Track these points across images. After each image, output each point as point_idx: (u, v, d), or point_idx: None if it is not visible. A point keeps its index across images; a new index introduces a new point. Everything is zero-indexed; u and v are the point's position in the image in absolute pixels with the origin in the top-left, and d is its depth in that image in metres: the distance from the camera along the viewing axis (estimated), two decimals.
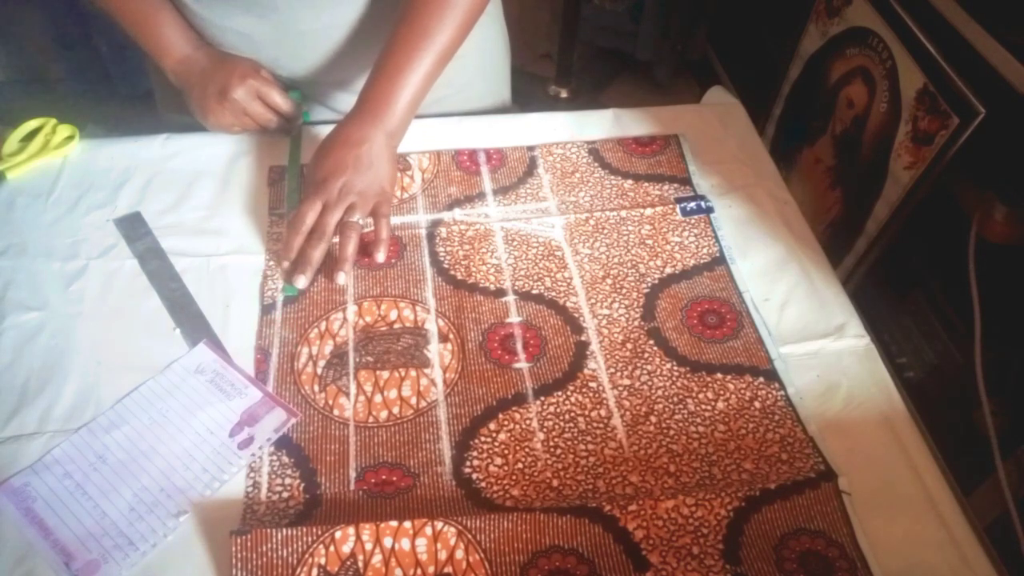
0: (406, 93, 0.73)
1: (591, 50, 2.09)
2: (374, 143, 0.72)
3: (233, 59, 0.81)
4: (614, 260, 0.75)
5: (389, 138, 0.74)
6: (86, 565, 0.54)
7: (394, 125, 0.74)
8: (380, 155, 0.73)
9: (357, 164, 0.71)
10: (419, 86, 0.73)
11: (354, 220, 0.71)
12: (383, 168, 0.73)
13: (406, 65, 0.72)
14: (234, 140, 0.84)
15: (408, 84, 0.73)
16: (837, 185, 1.16)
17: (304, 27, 0.80)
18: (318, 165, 0.73)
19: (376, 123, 0.73)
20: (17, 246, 0.74)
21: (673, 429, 0.63)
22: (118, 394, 0.64)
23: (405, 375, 0.66)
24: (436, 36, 0.73)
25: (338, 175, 0.71)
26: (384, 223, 0.72)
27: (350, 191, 0.71)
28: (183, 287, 0.72)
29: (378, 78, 0.74)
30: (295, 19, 0.79)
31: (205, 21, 0.80)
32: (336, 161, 0.72)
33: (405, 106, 0.73)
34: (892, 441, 0.62)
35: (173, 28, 0.80)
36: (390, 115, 0.73)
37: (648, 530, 0.56)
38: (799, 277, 0.74)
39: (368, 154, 0.72)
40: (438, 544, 0.54)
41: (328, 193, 0.71)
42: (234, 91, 0.78)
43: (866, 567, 0.54)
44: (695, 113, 0.92)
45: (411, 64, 0.72)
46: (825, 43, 1.18)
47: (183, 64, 0.81)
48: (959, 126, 0.86)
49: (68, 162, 0.82)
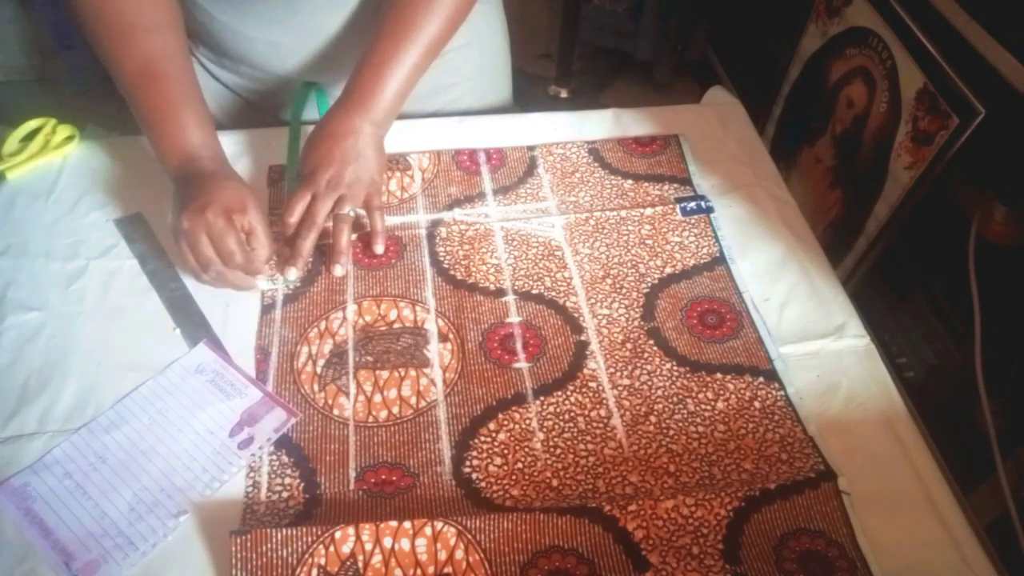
0: (392, 84, 0.73)
1: (591, 50, 2.09)
2: (361, 134, 0.72)
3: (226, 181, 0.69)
4: (614, 260, 0.75)
5: (376, 128, 0.74)
6: (86, 565, 0.54)
7: (380, 116, 0.73)
8: (367, 146, 0.73)
9: (344, 156, 0.71)
10: (405, 78, 0.73)
11: (345, 212, 0.71)
12: (371, 159, 0.73)
13: (392, 56, 0.72)
14: (233, 140, 0.84)
15: (394, 75, 0.73)
16: (837, 185, 1.16)
17: (329, 29, 0.80)
18: (307, 158, 0.73)
19: (362, 114, 0.73)
20: (17, 246, 0.74)
21: (673, 429, 0.63)
22: (118, 394, 0.64)
23: (405, 375, 0.66)
24: (423, 28, 0.73)
25: (326, 167, 0.71)
26: (378, 215, 0.73)
27: (339, 183, 0.71)
28: (183, 287, 0.72)
29: (364, 69, 0.73)
30: (320, 21, 0.80)
31: (236, 34, 0.81)
32: (324, 153, 0.72)
33: (391, 97, 0.73)
34: (892, 441, 0.62)
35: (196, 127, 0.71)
36: (376, 106, 0.73)
37: (648, 530, 0.56)
38: (799, 277, 0.74)
39: (355, 146, 0.72)
40: (438, 544, 0.54)
41: (316, 185, 0.71)
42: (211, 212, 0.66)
43: (866, 567, 0.54)
44: (695, 113, 0.92)
45: (397, 56, 0.72)
46: (825, 43, 1.18)
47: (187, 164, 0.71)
48: (959, 126, 0.86)
49: (68, 162, 0.82)
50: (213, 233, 0.66)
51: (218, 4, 0.79)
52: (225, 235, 0.66)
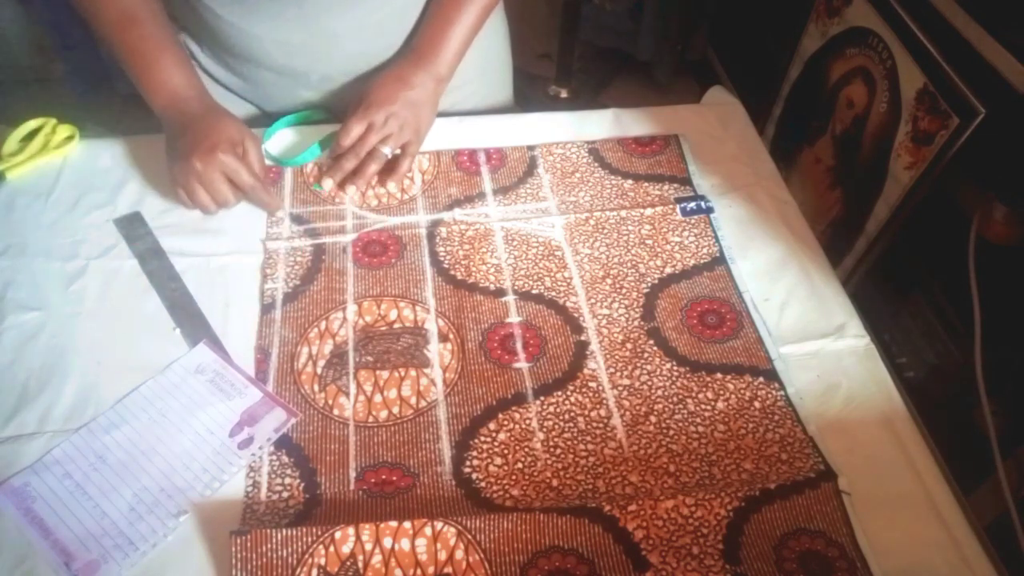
0: (454, 43, 0.81)
1: (591, 50, 2.08)
2: (425, 87, 0.80)
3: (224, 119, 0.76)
4: (614, 260, 0.75)
5: (437, 84, 0.81)
6: (86, 565, 0.54)
7: (443, 72, 0.82)
8: (428, 99, 0.80)
9: (406, 100, 0.79)
10: (465, 37, 0.81)
11: (384, 150, 0.78)
12: (426, 111, 0.81)
13: (455, 17, 0.81)
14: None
15: (455, 35, 0.81)
16: (837, 185, 1.16)
17: (338, 29, 0.82)
18: (372, 93, 0.79)
19: (428, 68, 0.80)
20: (17, 246, 0.74)
21: (673, 429, 0.63)
22: (118, 394, 0.64)
23: (405, 375, 0.66)
24: None
25: (387, 105, 0.78)
26: (408, 160, 0.79)
27: (394, 122, 0.78)
28: (183, 287, 0.72)
29: (429, 28, 0.82)
30: (330, 22, 0.81)
31: (243, 33, 0.81)
32: (389, 93, 0.78)
33: (453, 55, 0.82)
34: (892, 441, 0.62)
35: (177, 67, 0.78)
36: (440, 63, 0.81)
37: (648, 530, 0.56)
38: (799, 277, 0.74)
39: (418, 96, 0.79)
40: (438, 544, 0.54)
41: (375, 117, 0.78)
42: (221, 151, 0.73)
43: (866, 567, 0.54)
44: (695, 113, 0.92)
45: (459, 16, 0.81)
46: (825, 43, 1.18)
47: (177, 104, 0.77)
48: (959, 126, 0.86)
49: (68, 162, 0.82)
50: (228, 170, 0.73)
51: (225, 4, 0.79)
52: (239, 171, 0.73)
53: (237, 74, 0.88)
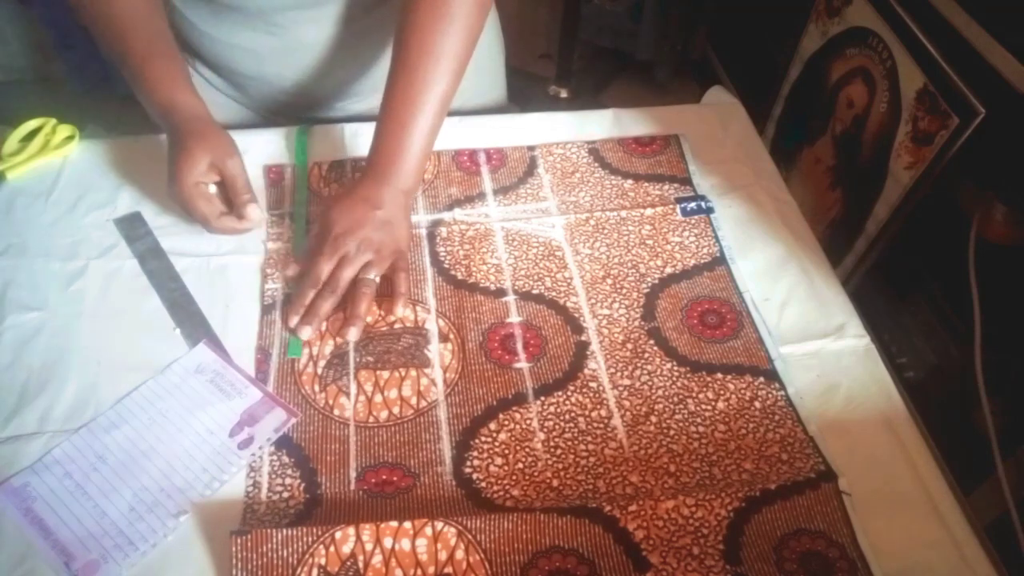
0: (414, 149, 0.72)
1: (591, 50, 2.09)
2: (395, 202, 0.72)
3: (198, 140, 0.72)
4: (614, 260, 0.75)
5: (406, 196, 0.73)
6: (86, 565, 0.54)
7: (409, 183, 0.73)
8: (399, 214, 0.72)
9: (376, 222, 0.70)
10: (426, 139, 0.73)
11: (370, 278, 0.69)
12: (401, 227, 0.73)
13: (409, 121, 0.72)
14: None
15: (414, 142, 0.72)
16: (837, 185, 1.16)
17: (307, 40, 0.81)
18: (336, 220, 0.70)
19: (392, 182, 0.72)
20: (17, 246, 0.74)
21: (673, 429, 0.63)
22: (118, 394, 0.64)
23: (405, 375, 0.66)
24: (434, 87, 0.72)
25: (356, 231, 0.70)
26: (403, 277, 0.71)
27: (368, 248, 0.70)
28: (183, 287, 0.72)
29: (385, 137, 0.73)
30: (298, 34, 0.80)
31: (213, 40, 0.81)
32: (356, 218, 0.70)
33: (415, 162, 0.73)
34: (892, 441, 0.62)
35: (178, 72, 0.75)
36: (403, 176, 0.72)
37: (648, 530, 0.56)
38: (799, 277, 0.74)
39: (387, 214, 0.71)
40: (438, 544, 0.54)
41: (346, 248, 0.69)
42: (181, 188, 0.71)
43: (866, 567, 0.54)
44: (695, 113, 0.92)
45: (415, 119, 0.72)
46: (825, 43, 1.18)
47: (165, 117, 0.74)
48: (959, 126, 0.86)
49: (68, 162, 0.82)
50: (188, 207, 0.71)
51: (198, 12, 0.80)
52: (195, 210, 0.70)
53: (225, 79, 0.89)
